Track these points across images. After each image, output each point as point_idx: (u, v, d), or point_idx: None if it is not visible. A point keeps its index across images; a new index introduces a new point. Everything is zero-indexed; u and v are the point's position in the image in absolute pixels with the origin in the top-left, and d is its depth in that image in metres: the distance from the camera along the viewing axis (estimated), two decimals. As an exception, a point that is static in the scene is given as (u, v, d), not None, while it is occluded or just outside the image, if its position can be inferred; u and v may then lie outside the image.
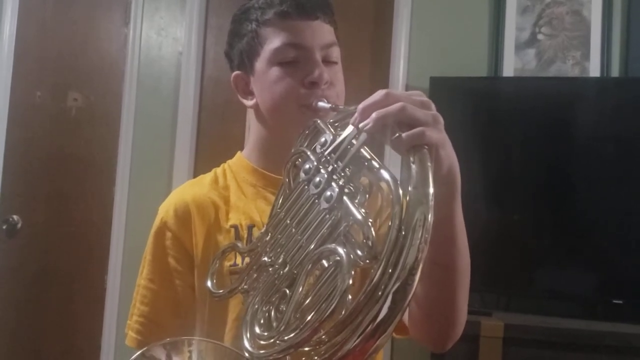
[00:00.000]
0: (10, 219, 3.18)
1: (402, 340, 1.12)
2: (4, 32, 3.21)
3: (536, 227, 2.58)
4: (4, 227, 3.17)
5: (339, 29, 1.16)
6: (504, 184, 2.61)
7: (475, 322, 2.20)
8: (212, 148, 3.06)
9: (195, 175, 1.40)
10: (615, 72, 2.69)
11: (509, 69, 2.76)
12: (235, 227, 1.13)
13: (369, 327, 0.63)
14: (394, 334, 1.07)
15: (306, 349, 0.69)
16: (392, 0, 2.91)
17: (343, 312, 0.65)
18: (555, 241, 2.55)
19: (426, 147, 0.74)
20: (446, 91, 2.64)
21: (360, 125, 0.77)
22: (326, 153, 0.80)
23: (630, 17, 2.68)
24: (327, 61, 1.10)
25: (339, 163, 0.77)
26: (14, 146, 3.22)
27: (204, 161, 3.04)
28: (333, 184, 0.76)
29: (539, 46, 2.76)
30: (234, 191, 1.19)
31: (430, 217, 0.66)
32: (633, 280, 2.44)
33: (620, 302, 2.43)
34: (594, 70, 2.69)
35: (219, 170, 1.25)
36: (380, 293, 0.63)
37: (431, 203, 0.67)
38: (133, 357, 0.83)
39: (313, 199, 0.78)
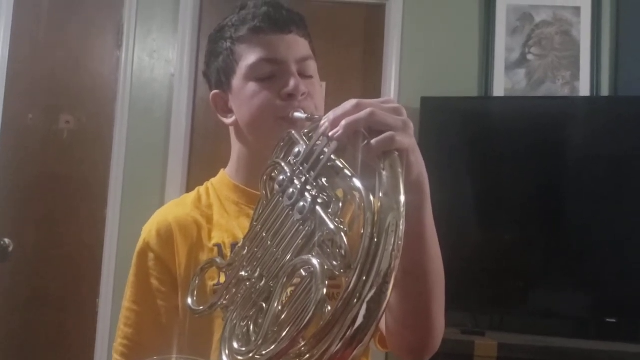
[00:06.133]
0: (2, 242, 3.15)
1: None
2: (-4, 53, 3.22)
3: (528, 246, 2.58)
4: (-4, 250, 3.15)
5: (330, 49, 1.16)
6: (495, 204, 2.60)
7: (469, 342, 2.19)
8: (204, 169, 3.03)
9: (187, 197, 1.39)
10: (605, 91, 2.70)
11: (499, 89, 2.78)
12: (218, 245, 1.12)
13: (348, 333, 0.62)
14: (379, 347, 1.07)
15: None
16: (383, 21, 2.93)
17: (321, 323, 0.65)
18: (548, 260, 2.54)
19: (397, 152, 0.73)
20: (437, 111, 2.65)
21: (330, 133, 0.76)
22: (299, 164, 0.80)
23: (619, 37, 2.70)
24: (303, 75, 1.10)
25: (312, 173, 0.77)
26: (5, 168, 3.20)
27: (196, 182, 2.95)
28: (306, 194, 0.75)
29: (528, 66, 2.78)
30: (217, 209, 1.18)
31: (402, 223, 0.65)
32: (626, 298, 2.44)
33: (614, 320, 2.42)
34: (584, 89, 2.71)
35: (202, 189, 1.25)
36: (355, 301, 0.62)
37: (402, 210, 0.66)
38: None
39: (287, 210, 0.78)
